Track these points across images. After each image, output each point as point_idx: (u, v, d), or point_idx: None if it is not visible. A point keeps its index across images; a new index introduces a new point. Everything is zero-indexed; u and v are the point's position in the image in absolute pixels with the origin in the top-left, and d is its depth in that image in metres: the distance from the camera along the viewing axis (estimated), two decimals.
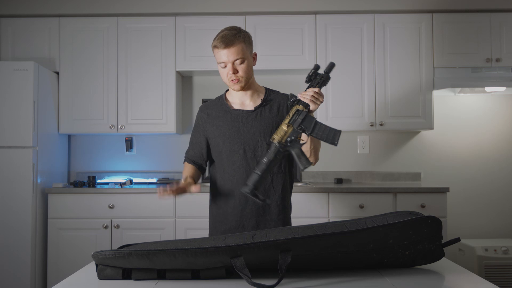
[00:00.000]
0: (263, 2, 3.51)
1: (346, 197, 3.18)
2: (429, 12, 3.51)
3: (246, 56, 1.80)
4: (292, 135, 1.61)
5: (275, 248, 1.21)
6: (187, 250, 1.20)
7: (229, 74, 1.79)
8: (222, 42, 1.76)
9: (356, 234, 1.25)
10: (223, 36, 1.78)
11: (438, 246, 1.33)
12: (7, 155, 3.12)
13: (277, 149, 1.60)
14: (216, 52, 1.80)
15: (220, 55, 1.78)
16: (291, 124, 1.62)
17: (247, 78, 1.82)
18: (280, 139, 1.61)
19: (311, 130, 1.61)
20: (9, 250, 3.08)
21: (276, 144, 1.61)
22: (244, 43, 1.80)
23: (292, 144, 1.61)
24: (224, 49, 1.76)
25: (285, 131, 1.61)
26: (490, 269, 3.28)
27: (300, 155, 1.61)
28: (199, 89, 3.85)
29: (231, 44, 1.76)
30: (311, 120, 1.61)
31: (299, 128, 1.61)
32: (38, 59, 3.47)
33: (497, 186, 3.79)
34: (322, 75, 1.68)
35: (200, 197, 3.15)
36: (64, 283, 1.28)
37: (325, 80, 1.68)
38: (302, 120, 1.61)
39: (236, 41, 1.77)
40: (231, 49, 1.76)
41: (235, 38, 1.77)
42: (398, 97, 3.48)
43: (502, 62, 3.47)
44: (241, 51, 1.77)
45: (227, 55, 1.77)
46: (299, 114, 1.62)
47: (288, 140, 1.61)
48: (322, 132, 1.61)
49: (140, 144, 3.83)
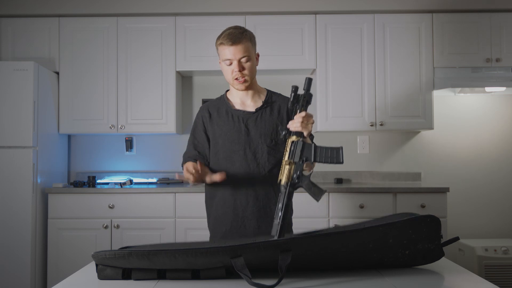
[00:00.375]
0: (263, 2, 3.51)
1: (346, 197, 3.18)
2: (429, 12, 3.51)
3: (252, 55, 1.81)
4: (297, 170, 1.55)
5: (275, 248, 1.21)
6: (187, 250, 1.20)
7: (235, 72, 1.78)
8: (229, 39, 1.77)
9: (356, 234, 1.26)
10: (230, 33, 1.78)
11: (437, 245, 1.33)
12: (7, 155, 3.12)
13: (288, 191, 1.54)
14: (221, 50, 1.80)
15: (226, 52, 1.78)
16: (292, 160, 1.55)
17: (251, 77, 1.82)
18: (287, 179, 1.54)
19: (313, 157, 1.55)
20: (9, 250, 3.08)
21: (285, 186, 1.54)
22: (250, 42, 1.81)
23: (300, 178, 1.54)
24: (231, 46, 1.76)
25: (288, 169, 1.55)
26: (490, 269, 3.28)
27: (311, 186, 1.54)
28: (199, 89, 3.85)
29: (238, 41, 1.76)
30: (310, 148, 1.56)
31: (301, 161, 1.55)
32: (38, 59, 3.47)
33: (497, 186, 3.79)
34: (303, 95, 1.60)
35: (200, 197, 3.15)
36: (64, 283, 1.27)
37: (308, 99, 1.60)
38: (301, 152, 1.55)
39: (243, 39, 1.78)
40: (237, 47, 1.76)
41: (242, 36, 1.78)
42: (398, 97, 3.48)
43: (502, 62, 3.47)
44: (247, 49, 1.78)
45: (234, 53, 1.76)
46: (295, 146, 1.56)
47: (295, 177, 1.54)
48: (325, 155, 1.55)
49: (140, 144, 3.83)
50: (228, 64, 1.79)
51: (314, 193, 1.54)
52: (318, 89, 3.50)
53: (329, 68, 3.50)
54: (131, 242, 3.16)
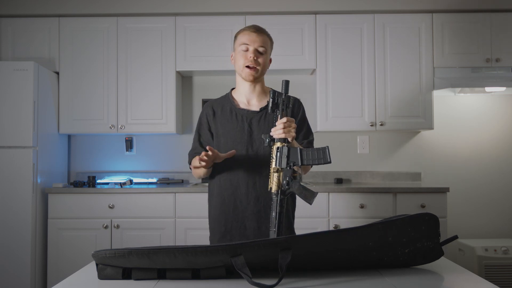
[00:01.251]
0: (263, 2, 3.51)
1: (346, 197, 3.18)
2: (429, 12, 3.51)
3: (268, 51, 1.86)
4: (286, 176, 1.53)
5: (275, 246, 1.21)
6: (187, 249, 1.20)
7: (249, 57, 1.80)
8: (253, 27, 1.84)
9: (356, 232, 1.26)
10: (255, 25, 1.86)
11: (437, 244, 1.33)
12: (7, 155, 3.12)
13: (279, 198, 1.53)
14: (241, 36, 1.84)
15: (247, 37, 1.81)
16: (279, 167, 1.54)
17: (261, 71, 1.84)
18: (278, 187, 1.54)
19: (300, 160, 1.55)
20: (9, 250, 3.08)
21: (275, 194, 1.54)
22: (270, 40, 1.88)
23: (290, 184, 1.53)
24: (254, 33, 1.81)
25: (277, 176, 1.54)
26: (490, 269, 3.28)
27: (302, 190, 1.53)
28: (199, 89, 3.85)
29: (261, 32, 1.84)
30: (296, 152, 1.55)
31: (289, 166, 1.54)
32: (38, 59, 3.47)
33: (497, 186, 3.79)
34: (282, 99, 1.59)
35: (200, 197, 3.16)
36: (64, 283, 1.27)
37: (287, 102, 1.60)
38: (287, 157, 1.54)
39: (266, 33, 1.86)
40: (259, 36, 1.82)
41: (265, 30, 1.86)
42: (398, 97, 3.48)
43: (502, 62, 3.47)
44: (266, 42, 1.84)
45: (254, 40, 1.81)
46: (281, 152, 1.55)
47: (285, 183, 1.53)
48: (311, 156, 1.55)
49: (140, 144, 3.83)
50: (244, 49, 1.82)
51: (306, 197, 1.53)
52: (318, 89, 3.50)
53: (329, 68, 3.50)
54: (131, 242, 3.16)
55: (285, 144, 1.56)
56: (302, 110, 1.92)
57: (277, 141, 1.57)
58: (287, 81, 1.59)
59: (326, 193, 3.18)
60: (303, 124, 1.91)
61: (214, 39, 3.48)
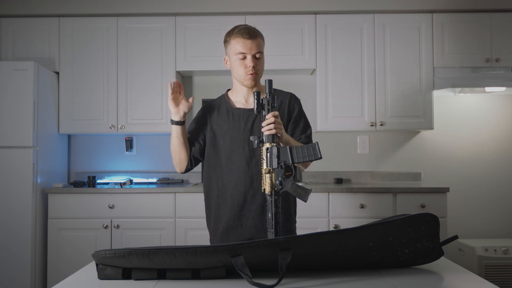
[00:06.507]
0: (263, 2, 3.51)
1: (346, 197, 3.18)
2: (429, 12, 3.51)
3: (263, 53, 1.84)
4: (278, 176, 1.53)
5: (275, 246, 1.21)
6: (187, 249, 1.20)
7: (249, 66, 1.78)
8: (246, 33, 1.77)
9: (356, 232, 1.26)
10: (246, 28, 1.80)
11: (437, 244, 1.33)
12: (7, 155, 3.12)
13: (273, 199, 1.53)
14: (235, 43, 1.79)
15: (242, 45, 1.77)
16: (270, 167, 1.54)
17: (261, 74, 1.84)
18: (271, 188, 1.53)
19: (291, 159, 1.54)
20: (9, 250, 3.08)
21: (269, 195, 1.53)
22: (263, 40, 1.84)
23: (283, 183, 1.53)
24: (249, 39, 1.77)
25: (269, 177, 1.54)
26: (490, 269, 3.28)
27: (296, 189, 1.52)
28: (199, 89, 3.85)
29: (255, 36, 1.79)
30: (285, 150, 1.54)
31: (280, 166, 1.54)
32: (38, 59, 3.47)
33: (497, 186, 3.79)
34: (267, 99, 1.59)
35: (200, 197, 3.14)
36: (64, 283, 1.27)
37: (272, 101, 1.59)
38: (277, 157, 1.54)
39: (259, 35, 1.81)
40: (254, 41, 1.78)
41: (257, 32, 1.82)
42: (398, 97, 3.48)
43: (502, 62, 3.47)
44: (261, 45, 1.81)
45: (250, 47, 1.77)
46: (270, 153, 1.55)
47: (278, 183, 1.53)
48: (302, 154, 1.54)
49: (140, 144, 3.83)
50: (242, 58, 1.79)
51: (300, 195, 1.53)
52: (318, 89, 3.50)
53: (329, 68, 3.50)
54: (131, 242, 3.16)
55: (274, 144, 1.56)
56: (298, 104, 1.91)
57: (266, 142, 1.57)
58: (270, 80, 1.59)
59: (326, 193, 3.18)
60: (300, 118, 1.90)
61: (214, 39, 3.48)
